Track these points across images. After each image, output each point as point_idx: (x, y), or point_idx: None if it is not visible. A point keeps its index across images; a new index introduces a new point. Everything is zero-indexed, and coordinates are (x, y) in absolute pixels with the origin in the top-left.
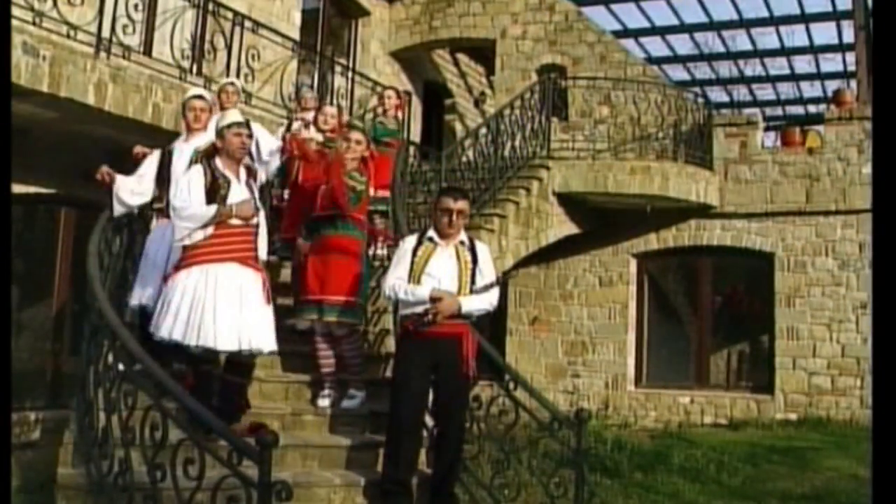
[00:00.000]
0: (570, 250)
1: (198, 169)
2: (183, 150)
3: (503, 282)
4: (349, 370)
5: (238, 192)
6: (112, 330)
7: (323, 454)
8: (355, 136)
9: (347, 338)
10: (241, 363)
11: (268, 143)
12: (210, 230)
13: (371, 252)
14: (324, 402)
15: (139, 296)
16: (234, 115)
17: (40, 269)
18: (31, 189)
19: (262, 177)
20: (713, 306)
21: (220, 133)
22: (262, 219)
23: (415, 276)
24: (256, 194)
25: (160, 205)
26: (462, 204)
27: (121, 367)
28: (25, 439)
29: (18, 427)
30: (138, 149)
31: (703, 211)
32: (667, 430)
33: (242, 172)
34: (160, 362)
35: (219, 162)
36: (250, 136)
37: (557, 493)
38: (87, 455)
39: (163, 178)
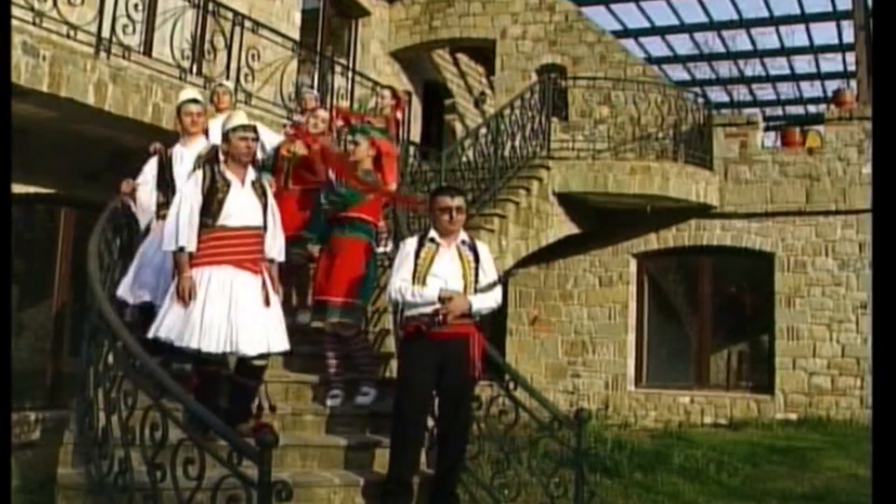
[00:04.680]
0: (570, 250)
1: (196, 176)
2: (183, 156)
3: (504, 281)
4: (360, 368)
5: (239, 195)
6: (112, 330)
7: (323, 454)
8: (357, 137)
9: (355, 337)
10: (251, 366)
11: (272, 143)
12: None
13: (382, 250)
14: (333, 402)
15: (136, 294)
16: (239, 118)
17: (40, 269)
18: (31, 189)
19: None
20: (713, 306)
21: (225, 136)
22: (276, 220)
23: (419, 277)
24: (270, 197)
25: (165, 211)
26: (459, 200)
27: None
28: (25, 439)
29: (18, 427)
30: (157, 146)
31: (703, 211)
32: (667, 430)
33: (250, 175)
34: (160, 361)
35: (223, 165)
36: (256, 139)
37: (557, 493)
38: (86, 455)
39: (165, 182)
